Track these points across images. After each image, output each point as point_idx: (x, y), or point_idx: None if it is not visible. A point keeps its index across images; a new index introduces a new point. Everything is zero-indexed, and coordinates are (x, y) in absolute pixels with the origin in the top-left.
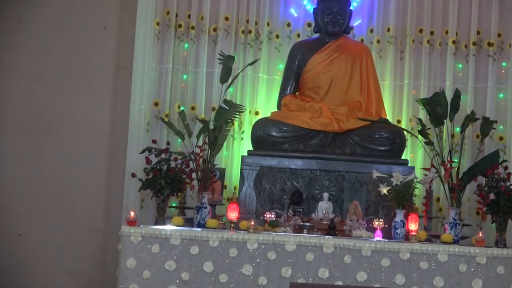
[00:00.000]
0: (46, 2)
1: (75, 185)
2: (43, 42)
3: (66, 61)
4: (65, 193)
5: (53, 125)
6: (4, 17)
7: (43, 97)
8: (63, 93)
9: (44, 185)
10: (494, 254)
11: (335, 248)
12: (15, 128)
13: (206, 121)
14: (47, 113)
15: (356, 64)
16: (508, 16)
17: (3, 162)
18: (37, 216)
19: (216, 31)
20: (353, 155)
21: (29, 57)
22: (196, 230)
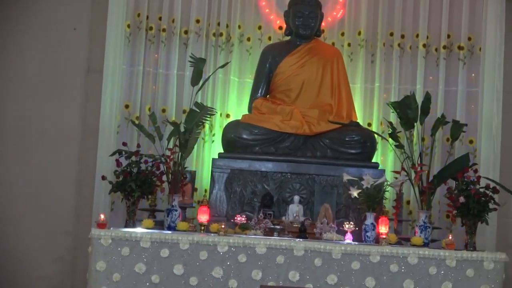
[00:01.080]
0: (16, 5)
1: (45, 187)
2: (12, 44)
3: (36, 63)
4: (35, 196)
5: (23, 127)
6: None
7: (13, 99)
8: (33, 95)
9: (14, 187)
10: (463, 257)
11: (306, 251)
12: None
13: (177, 123)
14: (17, 115)
15: (327, 67)
16: (478, 20)
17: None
18: (7, 218)
19: (187, 34)
20: (324, 158)
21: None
22: (167, 233)
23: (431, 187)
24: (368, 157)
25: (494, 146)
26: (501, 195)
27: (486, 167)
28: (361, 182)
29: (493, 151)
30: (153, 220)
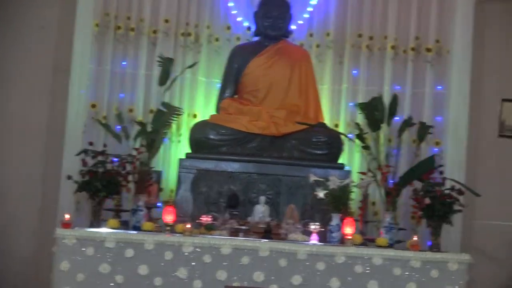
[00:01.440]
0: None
1: (10, 186)
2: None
3: (3, 61)
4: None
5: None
6: None
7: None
8: (0, 94)
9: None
10: (428, 258)
11: (271, 252)
12: None
13: (143, 123)
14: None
15: (295, 68)
16: (446, 22)
17: None
18: None
19: (155, 34)
20: (290, 158)
21: None
22: (132, 233)
23: (397, 189)
24: (335, 158)
25: (460, 148)
26: (466, 197)
27: (452, 169)
28: (327, 183)
29: (459, 153)
30: (118, 220)
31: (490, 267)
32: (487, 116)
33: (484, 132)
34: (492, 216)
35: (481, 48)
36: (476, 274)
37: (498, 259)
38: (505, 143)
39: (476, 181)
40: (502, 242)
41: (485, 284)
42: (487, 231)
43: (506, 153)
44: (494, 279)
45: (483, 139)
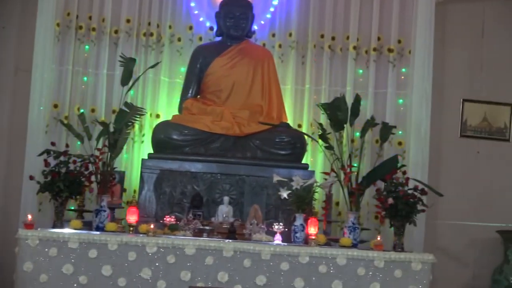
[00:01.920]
0: None
1: None
2: None
3: None
4: None
5: None
6: None
7: None
8: None
9: None
10: (392, 258)
11: (235, 252)
12: None
13: (106, 123)
14: None
15: (258, 68)
16: (408, 23)
17: None
18: None
19: (117, 33)
20: (254, 159)
21: None
22: (95, 234)
23: (360, 189)
24: (298, 158)
25: (422, 148)
26: (429, 197)
27: (414, 169)
28: (291, 183)
29: (422, 153)
30: (81, 220)
31: (453, 267)
32: (448, 116)
33: (446, 133)
34: (455, 216)
35: (442, 48)
36: (439, 274)
37: (461, 258)
38: (467, 143)
39: (438, 181)
40: (465, 241)
41: (449, 283)
42: (450, 230)
43: (468, 153)
44: (458, 278)
45: (445, 139)
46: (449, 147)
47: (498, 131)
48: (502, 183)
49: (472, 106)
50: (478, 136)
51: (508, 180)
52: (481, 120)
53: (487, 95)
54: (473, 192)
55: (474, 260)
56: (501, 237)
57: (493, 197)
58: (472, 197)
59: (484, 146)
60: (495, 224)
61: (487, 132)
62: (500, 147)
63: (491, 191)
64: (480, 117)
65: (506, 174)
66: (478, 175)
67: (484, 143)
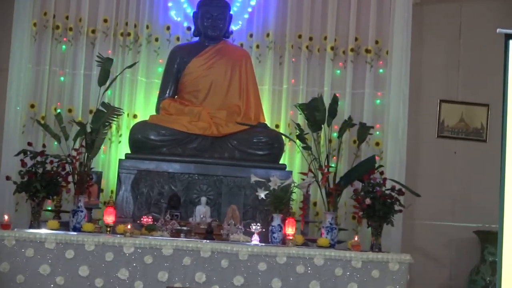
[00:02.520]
0: None
1: None
2: None
3: None
4: None
5: None
6: None
7: None
8: None
9: None
10: (369, 258)
11: (212, 252)
12: None
13: (83, 124)
14: None
15: (236, 69)
16: (385, 23)
17: None
18: None
19: (94, 33)
20: (231, 159)
21: None
22: (72, 234)
23: (338, 189)
24: (276, 159)
25: (400, 148)
26: (406, 197)
27: (392, 170)
28: (269, 183)
29: (399, 154)
30: (58, 221)
31: (430, 267)
32: (426, 117)
33: (423, 133)
34: (432, 216)
35: (420, 49)
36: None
37: (439, 258)
38: (444, 143)
39: (416, 181)
40: (442, 241)
41: (426, 283)
42: (427, 231)
43: (444, 153)
44: (435, 278)
45: (422, 139)
46: (426, 148)
47: (475, 132)
48: (479, 183)
49: (449, 107)
50: (455, 136)
51: (485, 180)
52: (458, 121)
53: (464, 95)
54: (450, 193)
55: (451, 260)
56: (478, 237)
57: (470, 198)
58: (449, 198)
59: (461, 147)
60: (472, 224)
61: (464, 132)
62: (477, 147)
63: (468, 192)
64: (457, 118)
65: (483, 175)
66: (455, 175)
67: (461, 143)
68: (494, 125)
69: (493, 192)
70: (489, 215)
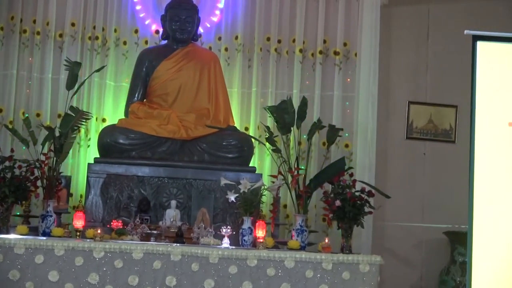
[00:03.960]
0: None
1: None
2: None
3: None
4: None
5: None
6: None
7: None
8: None
9: None
10: (340, 260)
11: (183, 256)
12: None
13: (51, 128)
14: None
15: (204, 72)
16: (353, 25)
17: None
18: None
19: (62, 37)
20: (201, 162)
21: None
22: (41, 239)
23: (308, 191)
24: (245, 162)
25: (369, 150)
26: (376, 199)
27: (361, 171)
28: (239, 186)
29: (368, 156)
30: (27, 226)
31: (401, 268)
32: (394, 119)
33: (392, 135)
34: (402, 217)
35: (388, 51)
36: (387, 275)
37: (409, 259)
38: (413, 144)
39: (385, 183)
40: (412, 242)
41: (397, 284)
42: (397, 232)
43: (413, 154)
44: (405, 279)
45: (391, 141)
46: (395, 149)
47: (444, 133)
48: (448, 184)
49: (417, 108)
50: (424, 137)
51: (454, 181)
52: (426, 122)
53: (432, 97)
54: (419, 194)
55: (422, 261)
56: (448, 238)
57: (439, 198)
58: (418, 199)
59: (430, 148)
60: (442, 225)
61: (433, 133)
62: (446, 148)
63: (438, 192)
64: (425, 119)
65: (452, 175)
66: (424, 176)
67: (430, 144)
68: (462, 126)
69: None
70: (459, 215)
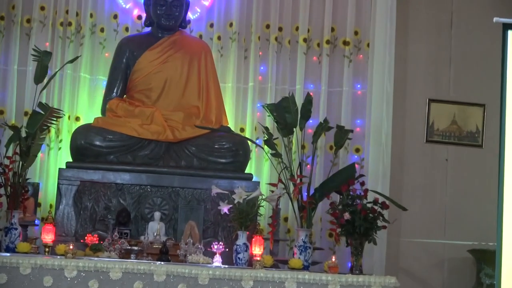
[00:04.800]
0: None
1: None
2: None
3: None
4: None
5: None
6: None
7: None
8: None
9: None
10: (348, 282)
11: (168, 276)
12: None
13: (17, 127)
14: None
15: (194, 64)
16: (366, 11)
17: None
18: None
19: (30, 23)
20: (189, 168)
21: None
22: (5, 255)
23: (312, 202)
24: (241, 167)
25: (383, 155)
26: (391, 211)
27: (374, 179)
28: (232, 196)
29: (382, 161)
30: None
31: None
32: (413, 119)
33: (410, 137)
34: (420, 233)
35: (405, 41)
36: None
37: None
38: (434, 149)
39: (401, 193)
40: (432, 262)
41: None
42: (415, 249)
43: (434, 160)
44: None
45: (409, 145)
46: (413, 154)
47: (469, 136)
48: (474, 194)
49: (439, 107)
50: (446, 141)
51: (481, 191)
52: (449, 123)
53: (456, 94)
54: (441, 206)
55: (443, 283)
56: (473, 257)
57: (464, 211)
58: (440, 211)
59: (453, 153)
60: (467, 242)
61: (457, 136)
62: (471, 153)
63: (462, 205)
64: (448, 120)
65: (478, 185)
66: (446, 186)
67: (453, 149)
68: (491, 127)
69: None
70: (486, 231)
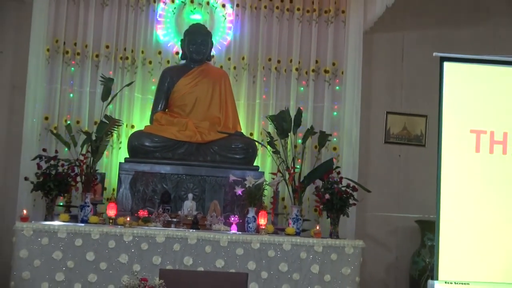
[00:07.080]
0: None
1: None
2: None
3: None
4: None
5: None
6: None
7: None
8: None
9: None
10: (328, 244)
11: (198, 240)
12: None
13: (89, 133)
14: None
15: (216, 86)
16: (341, 48)
17: None
18: None
19: (98, 57)
20: (213, 162)
21: None
22: (80, 225)
23: (302, 186)
24: (250, 161)
25: (353, 152)
26: (359, 193)
27: (347, 170)
28: (245, 182)
29: (352, 157)
30: (68, 214)
31: (379, 251)
32: (375, 126)
33: (372, 139)
34: (380, 208)
35: (369, 69)
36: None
37: (386, 244)
38: (390, 148)
39: (367, 179)
40: (389, 229)
41: (376, 264)
42: (376, 221)
43: (391, 156)
44: (383, 260)
45: (372, 145)
46: (375, 152)
47: (416, 138)
48: (419, 180)
49: (394, 118)
50: (399, 142)
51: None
52: (401, 129)
53: (406, 108)
54: (395, 189)
55: (397, 245)
56: (419, 226)
57: (412, 193)
58: (394, 193)
59: (404, 151)
60: (414, 215)
61: (407, 139)
62: (417, 151)
63: (410, 188)
64: (400, 127)
65: (422, 173)
66: (399, 174)
67: (404, 148)
68: (431, 132)
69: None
70: (428, 207)
